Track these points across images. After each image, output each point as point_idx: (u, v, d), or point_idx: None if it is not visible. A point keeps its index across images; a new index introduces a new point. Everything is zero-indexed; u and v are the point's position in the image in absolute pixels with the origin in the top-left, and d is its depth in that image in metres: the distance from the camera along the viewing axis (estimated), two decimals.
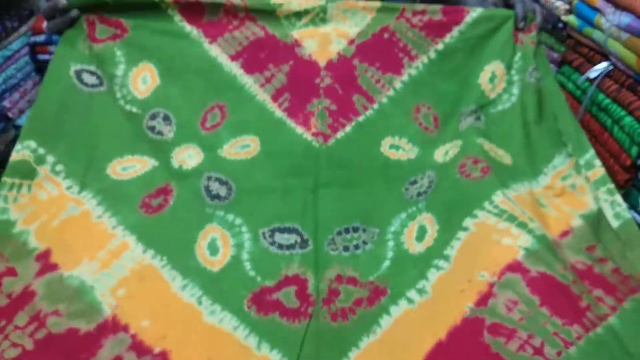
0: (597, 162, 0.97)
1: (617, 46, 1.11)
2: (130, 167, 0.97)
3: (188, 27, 1.03)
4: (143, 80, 1.04)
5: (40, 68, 2.17)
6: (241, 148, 1.00)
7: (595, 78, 1.19)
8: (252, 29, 1.04)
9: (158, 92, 1.03)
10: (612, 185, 0.94)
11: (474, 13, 1.02)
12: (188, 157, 0.98)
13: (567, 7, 1.31)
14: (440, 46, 1.03)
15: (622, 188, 1.10)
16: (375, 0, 1.06)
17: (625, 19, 1.07)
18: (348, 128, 1.03)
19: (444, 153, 1.01)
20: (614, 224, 0.91)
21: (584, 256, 0.82)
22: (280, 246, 0.91)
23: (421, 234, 0.91)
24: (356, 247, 0.91)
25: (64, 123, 0.98)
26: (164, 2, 1.01)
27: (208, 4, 1.01)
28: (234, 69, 1.04)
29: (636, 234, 0.89)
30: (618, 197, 0.93)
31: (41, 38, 2.10)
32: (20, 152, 0.94)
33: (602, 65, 1.17)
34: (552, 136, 0.99)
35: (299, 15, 1.03)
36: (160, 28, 1.03)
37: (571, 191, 0.93)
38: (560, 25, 1.34)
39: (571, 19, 1.28)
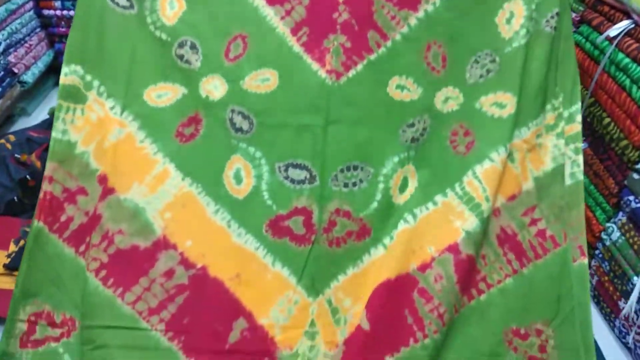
0: (578, 118, 1.08)
1: None
2: (164, 94, 1.09)
3: None
4: (170, 5, 1.10)
5: (46, 24, 2.13)
6: (261, 81, 1.09)
7: (615, 37, 1.15)
8: None
9: (185, 18, 1.09)
10: (580, 145, 1.08)
11: None
12: (214, 88, 1.08)
13: None
14: None
15: (639, 149, 1.09)
16: None
17: None
18: (360, 66, 1.10)
19: (443, 99, 1.09)
20: (567, 182, 1.07)
21: (516, 222, 1.05)
22: (293, 181, 1.07)
23: (404, 185, 1.07)
24: (354, 184, 1.06)
25: (103, 46, 1.07)
26: None
27: None
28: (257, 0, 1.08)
29: (579, 195, 1.06)
30: (580, 158, 1.08)
31: None
32: (69, 77, 1.05)
33: (624, 24, 1.14)
34: (547, 89, 1.07)
35: None
36: None
37: (538, 149, 1.07)
38: None
39: None
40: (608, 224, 1.18)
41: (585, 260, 1.05)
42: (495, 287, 1.02)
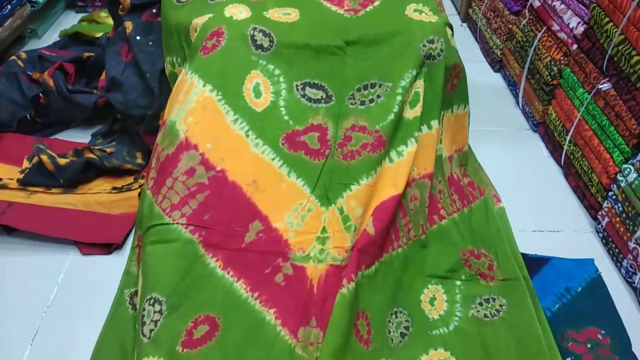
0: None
1: None
2: (196, 25, 1.17)
3: None
4: None
5: None
6: (283, 15, 1.19)
7: None
8: None
9: None
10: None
11: None
12: (238, 12, 1.17)
13: None
14: None
15: None
16: None
17: None
18: (377, 3, 1.22)
19: (451, 34, 1.22)
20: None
21: (458, 170, 1.26)
22: (309, 99, 1.12)
23: (415, 99, 1.12)
24: (371, 101, 1.12)
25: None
26: None
27: None
28: None
29: (479, 164, 1.40)
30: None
31: None
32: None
33: None
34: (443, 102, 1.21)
35: None
36: None
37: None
38: None
39: None
40: (625, 166, 1.17)
41: (502, 205, 1.29)
42: (449, 217, 1.17)
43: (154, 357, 0.85)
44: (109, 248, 1.18)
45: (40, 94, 1.44)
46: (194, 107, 1.05)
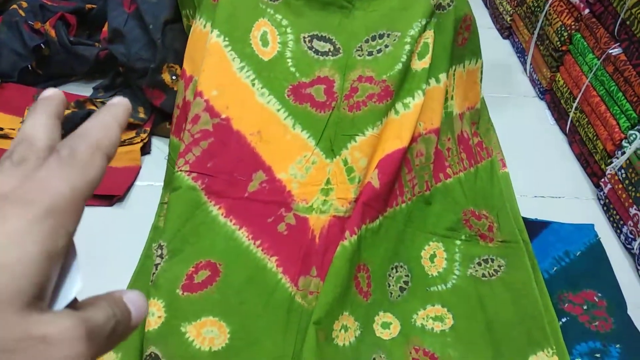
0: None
1: None
2: None
3: None
4: None
5: None
6: None
7: None
8: None
9: None
10: None
11: None
12: None
13: None
14: None
15: None
16: None
17: None
18: None
19: None
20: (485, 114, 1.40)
21: (469, 128, 1.27)
22: (317, 52, 1.10)
23: (424, 51, 1.10)
24: (379, 51, 1.09)
25: None
26: None
27: None
28: None
29: (492, 124, 1.41)
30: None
31: None
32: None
33: None
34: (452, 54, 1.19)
35: None
36: None
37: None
38: None
39: None
40: (631, 132, 1.16)
41: (507, 170, 1.30)
42: (455, 176, 1.17)
43: (154, 299, 0.86)
44: (110, 200, 1.18)
45: (42, 45, 1.42)
46: (204, 54, 1.04)
